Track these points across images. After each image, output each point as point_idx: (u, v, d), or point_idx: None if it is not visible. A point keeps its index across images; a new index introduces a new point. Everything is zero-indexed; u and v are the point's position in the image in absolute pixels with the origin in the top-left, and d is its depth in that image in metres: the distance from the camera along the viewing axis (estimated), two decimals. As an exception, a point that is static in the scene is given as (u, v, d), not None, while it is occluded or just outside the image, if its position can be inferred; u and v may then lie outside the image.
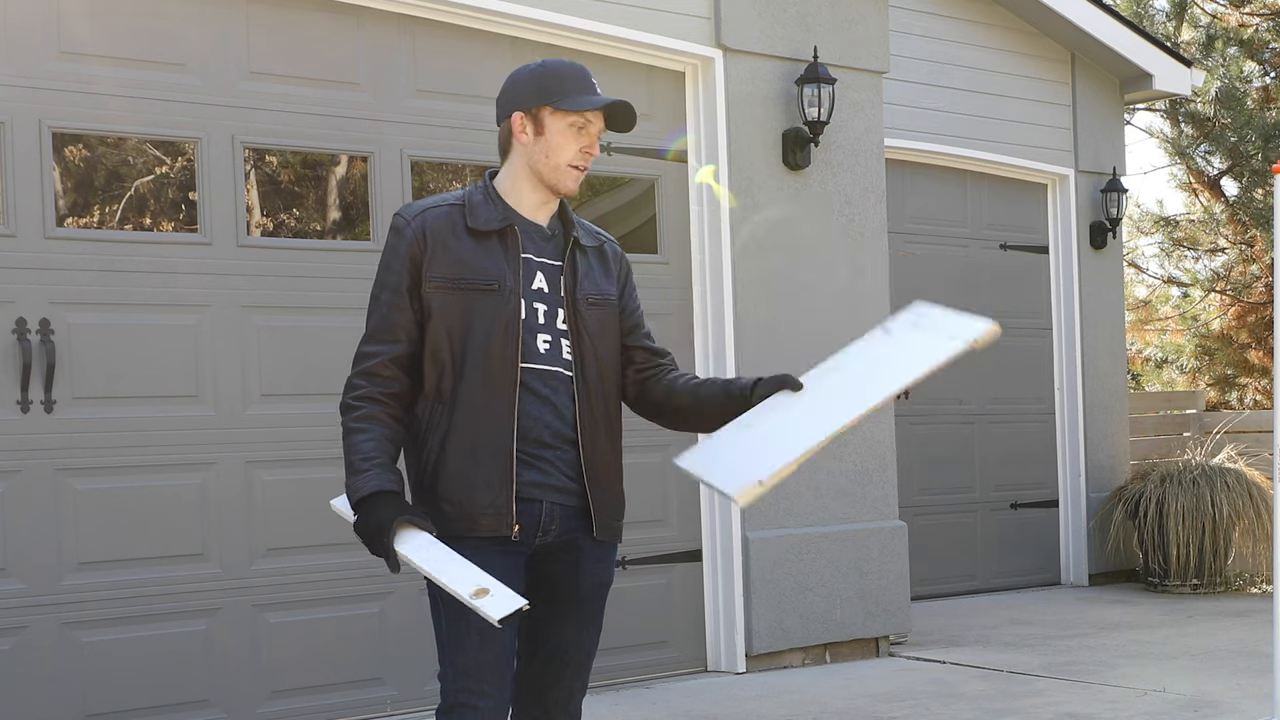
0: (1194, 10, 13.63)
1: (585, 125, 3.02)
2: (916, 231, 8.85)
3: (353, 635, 5.52)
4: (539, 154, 3.03)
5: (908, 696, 5.94)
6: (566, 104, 3.00)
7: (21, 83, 4.92)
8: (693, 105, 6.58)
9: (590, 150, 3.04)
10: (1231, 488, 8.95)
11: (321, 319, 5.46)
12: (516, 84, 3.07)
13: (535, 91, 3.02)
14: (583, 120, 3.02)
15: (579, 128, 3.02)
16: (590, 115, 3.02)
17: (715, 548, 6.51)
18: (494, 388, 2.95)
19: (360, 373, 3.02)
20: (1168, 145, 13.35)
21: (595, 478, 3.04)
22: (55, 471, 4.95)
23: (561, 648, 3.12)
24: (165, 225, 5.34)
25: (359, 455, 2.97)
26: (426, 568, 2.80)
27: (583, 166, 3.04)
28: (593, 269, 3.12)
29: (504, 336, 2.96)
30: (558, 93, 3.01)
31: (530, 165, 3.05)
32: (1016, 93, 9.19)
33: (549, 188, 3.05)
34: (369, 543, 2.90)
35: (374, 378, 3.00)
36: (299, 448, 5.43)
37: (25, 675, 4.85)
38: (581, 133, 3.02)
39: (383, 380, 3.00)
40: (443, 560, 2.82)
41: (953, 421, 9.05)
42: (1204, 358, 14.27)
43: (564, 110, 3.00)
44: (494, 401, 2.95)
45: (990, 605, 8.56)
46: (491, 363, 2.94)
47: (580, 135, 3.02)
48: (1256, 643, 6.91)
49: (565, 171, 3.03)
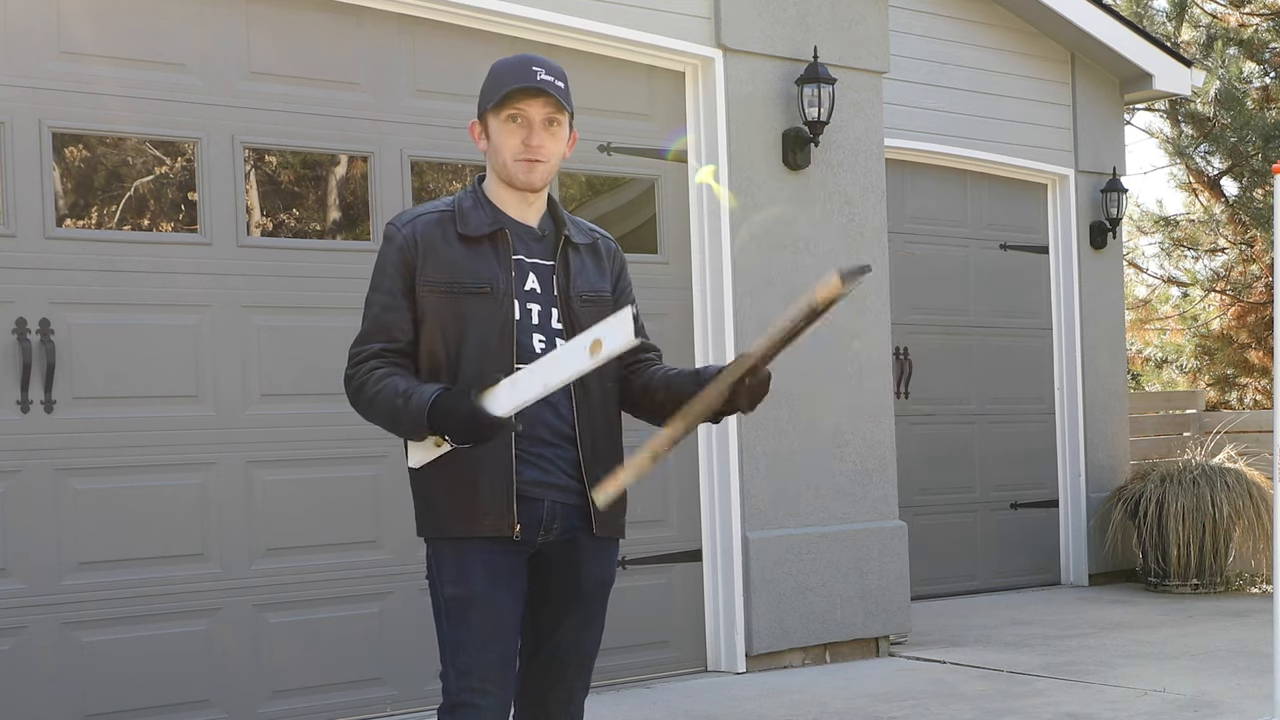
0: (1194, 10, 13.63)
1: (518, 115, 3.01)
2: (916, 231, 8.85)
3: (353, 635, 5.52)
4: (493, 157, 3.06)
5: (908, 696, 5.94)
6: (493, 102, 3.02)
7: (21, 83, 4.92)
8: (693, 105, 6.58)
9: (531, 141, 3.01)
10: (1231, 488, 8.94)
11: (321, 319, 5.46)
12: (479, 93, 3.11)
13: (482, 97, 3.07)
14: (515, 110, 3.01)
15: (513, 119, 3.01)
16: (522, 105, 3.00)
17: (715, 548, 6.51)
18: None
19: (356, 363, 3.02)
20: (1168, 145, 13.35)
21: (596, 476, 3.04)
22: (55, 471, 4.95)
23: (563, 647, 3.12)
24: (165, 225, 5.34)
25: (398, 394, 2.92)
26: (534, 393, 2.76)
27: (529, 158, 3.02)
28: (586, 266, 3.12)
29: (499, 339, 2.97)
30: (493, 93, 3.03)
31: (493, 169, 3.09)
32: (1016, 93, 9.19)
33: (509, 186, 3.06)
34: (476, 435, 2.82)
35: (372, 358, 3.00)
36: (299, 448, 5.44)
37: (25, 675, 4.85)
38: (518, 125, 3.01)
39: (382, 360, 3.00)
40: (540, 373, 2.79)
41: (953, 421, 9.05)
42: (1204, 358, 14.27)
43: (496, 109, 3.02)
44: (492, 403, 2.95)
45: (990, 605, 8.56)
46: (487, 365, 2.94)
47: (518, 128, 3.02)
48: (1256, 643, 6.91)
49: (514, 166, 3.03)
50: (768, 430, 6.57)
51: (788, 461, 6.63)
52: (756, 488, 6.52)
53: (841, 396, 6.84)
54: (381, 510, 5.57)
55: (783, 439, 6.62)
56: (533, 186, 3.05)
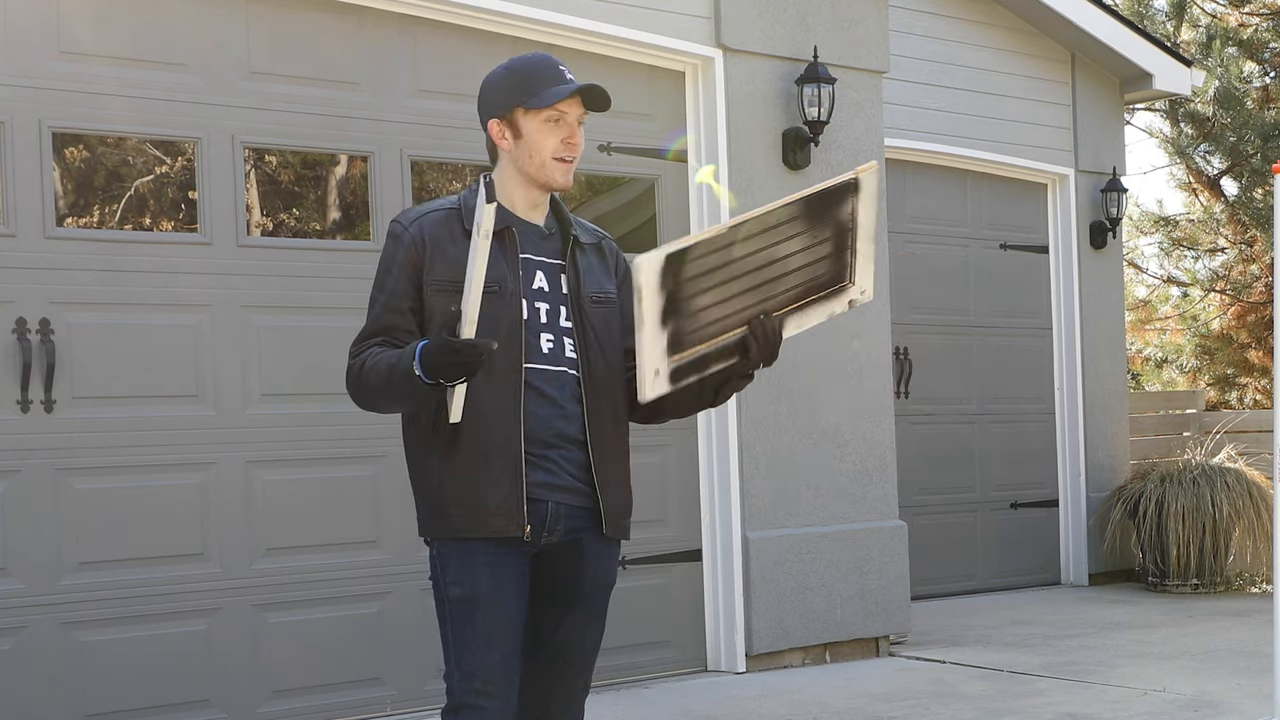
0: (1194, 10, 13.63)
1: (560, 117, 3.00)
2: (917, 231, 8.85)
3: (353, 635, 5.52)
4: (523, 156, 3.02)
5: (908, 696, 5.94)
6: (535, 101, 2.98)
7: (21, 83, 4.92)
8: (693, 105, 6.58)
9: (571, 140, 3.01)
10: (1231, 488, 8.94)
11: (322, 319, 5.46)
12: (489, 90, 3.07)
13: (506, 95, 3.02)
14: (556, 113, 3.00)
15: (554, 120, 3.00)
16: (563, 106, 3.00)
17: (715, 547, 6.51)
18: (499, 389, 2.94)
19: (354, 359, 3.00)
20: (1167, 145, 13.34)
21: (603, 477, 3.03)
22: (55, 471, 4.95)
23: (564, 648, 3.11)
24: (165, 225, 5.34)
25: (389, 360, 2.89)
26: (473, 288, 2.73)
27: (568, 158, 3.02)
28: (593, 267, 3.11)
29: (507, 338, 2.95)
30: (526, 92, 3.00)
31: (518, 168, 3.04)
32: (1017, 93, 9.19)
33: (540, 186, 3.04)
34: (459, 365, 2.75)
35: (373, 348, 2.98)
36: (299, 448, 5.44)
37: (25, 675, 4.85)
38: (559, 125, 3.00)
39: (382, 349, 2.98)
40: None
41: (953, 421, 9.05)
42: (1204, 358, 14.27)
43: (535, 108, 2.99)
44: (500, 403, 2.94)
45: (990, 605, 8.56)
46: (495, 364, 2.92)
47: (558, 128, 3.00)
48: (1256, 643, 6.91)
49: (552, 166, 3.02)
50: (768, 430, 6.57)
51: (788, 461, 6.63)
52: (756, 487, 6.52)
53: (841, 396, 6.84)
54: (381, 510, 5.56)
55: (783, 438, 6.62)
56: (567, 186, 3.05)
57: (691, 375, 2.85)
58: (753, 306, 2.85)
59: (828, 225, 2.87)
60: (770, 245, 2.81)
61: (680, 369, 2.81)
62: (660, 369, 2.77)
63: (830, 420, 6.80)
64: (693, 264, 2.73)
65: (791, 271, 2.87)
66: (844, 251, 2.91)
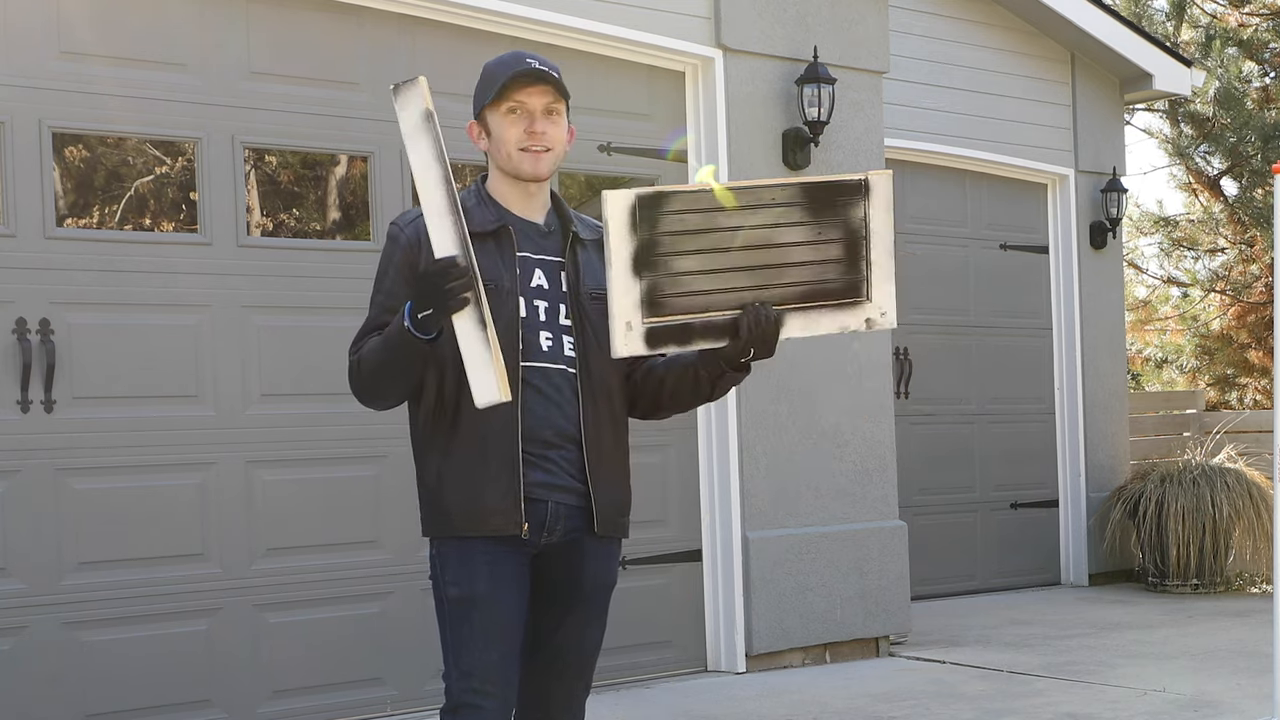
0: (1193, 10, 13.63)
1: (519, 107, 3.01)
2: (917, 231, 8.84)
3: (353, 635, 5.52)
4: (497, 153, 3.06)
5: (908, 696, 5.94)
6: (493, 96, 3.02)
7: (21, 83, 4.92)
8: (693, 105, 6.58)
9: (534, 129, 3.00)
10: (1231, 488, 8.94)
11: (322, 319, 5.46)
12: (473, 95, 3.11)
13: (477, 96, 3.08)
14: (515, 103, 3.01)
15: (514, 111, 3.01)
16: (521, 96, 3.00)
17: (715, 547, 6.51)
18: None
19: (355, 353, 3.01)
20: (1167, 145, 13.35)
21: (600, 476, 3.03)
22: (55, 471, 4.95)
23: (564, 648, 3.11)
24: (165, 225, 5.35)
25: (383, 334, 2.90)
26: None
27: (534, 148, 3.01)
28: (593, 262, 3.11)
29: (505, 336, 2.95)
30: (488, 90, 3.04)
31: (497, 166, 3.08)
32: (1016, 93, 9.19)
33: (517, 178, 3.05)
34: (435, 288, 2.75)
35: None
36: (299, 448, 5.44)
37: (25, 675, 4.85)
38: (519, 115, 3.01)
39: None
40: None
41: (953, 421, 9.05)
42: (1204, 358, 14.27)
43: (495, 103, 3.02)
44: (498, 402, 2.94)
45: (990, 605, 8.56)
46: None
47: (519, 118, 3.01)
48: (1256, 643, 6.91)
49: (519, 158, 3.02)
50: (768, 430, 6.57)
51: (788, 461, 6.63)
52: (756, 487, 6.52)
53: (841, 396, 6.84)
54: (381, 510, 5.57)
55: (783, 438, 6.62)
56: (540, 176, 3.04)
57: (671, 344, 2.80)
58: (749, 289, 2.80)
59: (835, 225, 2.82)
60: (767, 226, 2.77)
61: (658, 332, 2.76)
62: (633, 323, 2.73)
63: (830, 420, 6.80)
64: (672, 217, 2.71)
65: (794, 265, 2.82)
66: (858, 260, 2.85)
